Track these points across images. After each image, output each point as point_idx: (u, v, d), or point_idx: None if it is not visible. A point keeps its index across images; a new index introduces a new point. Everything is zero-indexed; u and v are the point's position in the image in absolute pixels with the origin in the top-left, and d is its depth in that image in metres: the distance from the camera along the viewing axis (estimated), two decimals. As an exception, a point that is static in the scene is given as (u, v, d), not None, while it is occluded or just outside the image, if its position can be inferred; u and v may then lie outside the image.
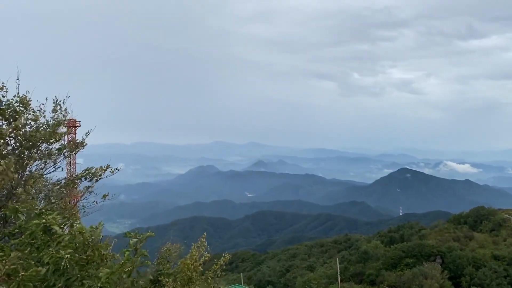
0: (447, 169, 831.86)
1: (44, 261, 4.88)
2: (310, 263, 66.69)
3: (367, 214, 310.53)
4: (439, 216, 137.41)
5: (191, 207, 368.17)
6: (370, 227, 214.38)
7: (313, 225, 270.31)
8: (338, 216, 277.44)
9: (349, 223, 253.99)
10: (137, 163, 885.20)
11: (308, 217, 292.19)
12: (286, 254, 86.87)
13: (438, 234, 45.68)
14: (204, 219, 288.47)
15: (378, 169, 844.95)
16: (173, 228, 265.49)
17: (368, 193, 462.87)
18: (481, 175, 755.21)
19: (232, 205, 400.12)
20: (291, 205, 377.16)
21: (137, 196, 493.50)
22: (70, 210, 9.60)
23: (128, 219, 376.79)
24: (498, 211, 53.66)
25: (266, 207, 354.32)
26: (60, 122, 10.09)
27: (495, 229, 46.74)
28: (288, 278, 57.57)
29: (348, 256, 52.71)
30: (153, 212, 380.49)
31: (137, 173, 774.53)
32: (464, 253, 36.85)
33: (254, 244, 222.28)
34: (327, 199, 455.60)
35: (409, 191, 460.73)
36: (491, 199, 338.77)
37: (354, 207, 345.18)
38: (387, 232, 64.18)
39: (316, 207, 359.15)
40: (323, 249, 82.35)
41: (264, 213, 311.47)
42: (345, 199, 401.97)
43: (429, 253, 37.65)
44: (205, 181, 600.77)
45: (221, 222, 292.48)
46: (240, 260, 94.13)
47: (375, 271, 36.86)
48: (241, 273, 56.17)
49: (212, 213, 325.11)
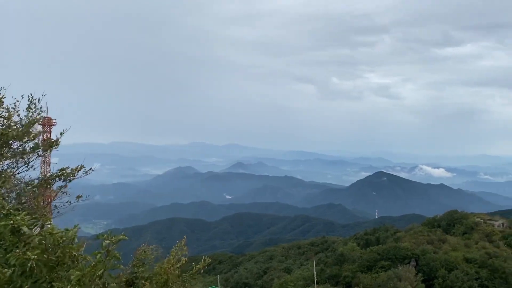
0: (423, 173, 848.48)
1: (11, 263, 4.76)
2: (287, 265, 66.88)
3: (344, 217, 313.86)
4: (414, 219, 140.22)
5: (169, 209, 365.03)
6: (346, 230, 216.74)
7: (291, 227, 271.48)
8: (315, 218, 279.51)
9: (326, 225, 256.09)
10: (114, 163, 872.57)
11: (286, 219, 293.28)
12: (263, 256, 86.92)
13: (413, 237, 46.49)
14: (181, 220, 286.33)
15: (355, 172, 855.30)
16: (150, 229, 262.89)
17: (345, 195, 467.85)
18: (455, 180, 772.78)
19: (210, 206, 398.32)
20: (269, 207, 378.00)
21: (113, 197, 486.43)
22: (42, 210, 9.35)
23: (103, 220, 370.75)
24: (471, 215, 55.00)
25: (244, 209, 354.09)
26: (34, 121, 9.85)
27: (467, 232, 47.85)
28: (265, 280, 57.60)
29: (325, 258, 53.05)
30: (130, 213, 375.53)
31: (114, 173, 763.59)
32: (437, 255, 37.61)
33: (231, 246, 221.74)
34: (305, 201, 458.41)
35: (385, 194, 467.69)
36: (464, 203, 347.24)
37: (331, 209, 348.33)
38: (363, 235, 64.93)
39: (294, 209, 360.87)
40: (300, 251, 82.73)
41: (242, 215, 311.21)
42: (322, 201, 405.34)
43: (404, 256, 38.26)
44: (183, 182, 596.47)
45: (199, 223, 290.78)
46: (217, 262, 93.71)
47: (351, 273, 37.26)
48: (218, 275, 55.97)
49: (190, 215, 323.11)
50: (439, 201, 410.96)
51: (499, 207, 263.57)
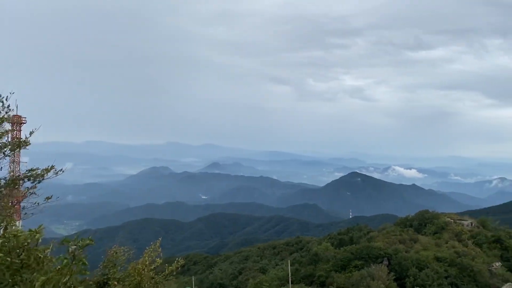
0: (395, 174, 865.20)
1: None
2: (262, 265, 66.96)
3: (319, 217, 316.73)
4: (387, 219, 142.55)
5: (143, 209, 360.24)
6: (321, 229, 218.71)
7: (266, 227, 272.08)
8: (291, 218, 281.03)
9: (302, 225, 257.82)
10: (87, 162, 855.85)
11: (261, 219, 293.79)
12: (238, 256, 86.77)
13: (385, 236, 47.26)
14: (155, 221, 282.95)
15: (330, 172, 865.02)
16: (123, 230, 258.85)
17: (320, 196, 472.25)
18: (426, 180, 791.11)
19: (185, 207, 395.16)
20: (245, 207, 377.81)
21: (86, 197, 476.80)
22: (8, 211, 9.04)
23: (75, 221, 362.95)
24: (441, 214, 56.22)
25: (220, 209, 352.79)
26: (2, 119, 9.55)
27: (438, 232, 48.95)
28: (240, 281, 57.52)
29: (300, 258, 53.38)
30: (103, 214, 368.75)
31: (87, 173, 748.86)
32: (409, 255, 38.35)
33: (207, 247, 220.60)
34: (281, 201, 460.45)
35: (359, 195, 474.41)
36: (435, 203, 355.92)
37: (307, 209, 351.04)
38: (337, 235, 65.56)
39: (270, 209, 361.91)
40: (275, 251, 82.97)
41: (218, 215, 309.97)
42: (298, 201, 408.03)
43: (377, 255, 38.85)
44: (157, 183, 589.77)
45: (173, 224, 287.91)
46: (192, 263, 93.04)
47: (325, 273, 37.58)
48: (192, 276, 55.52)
49: (164, 215, 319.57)
50: (411, 201, 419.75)
51: (468, 207, 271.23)
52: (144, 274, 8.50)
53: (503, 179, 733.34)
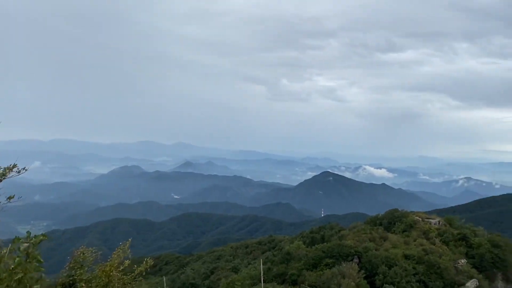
0: (366, 173, 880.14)
1: None
2: (234, 264, 66.86)
3: (292, 216, 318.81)
4: (358, 218, 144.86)
5: (113, 209, 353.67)
6: (294, 228, 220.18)
7: (239, 227, 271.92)
8: (264, 218, 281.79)
9: (274, 224, 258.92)
10: (55, 161, 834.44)
11: (234, 218, 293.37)
12: (211, 256, 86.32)
13: (356, 235, 47.93)
14: (127, 221, 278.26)
15: (303, 171, 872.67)
16: (93, 230, 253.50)
17: (293, 195, 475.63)
18: (396, 180, 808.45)
19: (157, 206, 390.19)
20: (218, 206, 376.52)
21: (54, 196, 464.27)
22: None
23: (43, 221, 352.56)
24: (410, 213, 57.41)
25: (192, 209, 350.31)
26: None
27: (406, 230, 49.98)
28: (212, 280, 57.26)
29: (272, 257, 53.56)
30: (72, 214, 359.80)
31: (55, 172, 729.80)
32: (378, 253, 39.01)
33: (179, 247, 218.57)
34: (254, 200, 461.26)
35: (331, 194, 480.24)
36: (404, 202, 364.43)
37: (279, 208, 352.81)
38: (309, 233, 66.04)
39: (243, 209, 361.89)
40: (248, 250, 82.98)
41: (191, 215, 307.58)
42: (271, 200, 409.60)
43: (347, 253, 39.35)
44: (129, 182, 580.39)
45: (145, 224, 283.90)
46: (164, 263, 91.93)
47: (297, 271, 37.82)
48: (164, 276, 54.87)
49: (136, 215, 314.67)
50: (381, 200, 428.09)
51: (436, 206, 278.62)
52: (112, 275, 8.32)
53: (469, 179, 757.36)
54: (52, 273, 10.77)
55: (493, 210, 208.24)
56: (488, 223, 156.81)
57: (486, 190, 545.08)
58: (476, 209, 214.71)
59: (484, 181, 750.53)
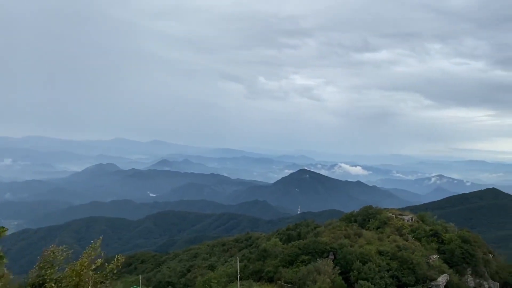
0: (341, 171, 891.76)
1: None
2: (211, 262, 66.67)
3: (268, 213, 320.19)
4: (333, 215, 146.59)
5: (88, 207, 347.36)
6: (270, 226, 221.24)
7: (216, 225, 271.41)
8: (240, 215, 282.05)
9: (251, 221, 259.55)
10: (27, 159, 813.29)
11: (211, 216, 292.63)
12: (187, 254, 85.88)
13: (331, 231, 48.41)
14: (101, 219, 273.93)
15: (280, 169, 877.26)
16: (67, 229, 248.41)
17: (269, 192, 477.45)
18: (371, 177, 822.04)
19: (133, 205, 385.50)
20: (195, 204, 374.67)
21: (27, 195, 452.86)
22: None
23: (14, 220, 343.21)
24: (384, 210, 58.31)
25: (169, 207, 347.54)
26: None
27: (380, 226, 50.78)
28: (189, 278, 56.93)
29: (248, 254, 53.65)
30: (45, 212, 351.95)
31: (27, 169, 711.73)
32: (353, 249, 39.55)
33: (155, 245, 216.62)
34: (231, 198, 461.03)
35: (307, 191, 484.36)
36: (379, 199, 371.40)
37: (256, 206, 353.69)
38: (285, 230, 66.38)
39: (220, 207, 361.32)
40: (225, 248, 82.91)
41: (167, 213, 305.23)
42: (248, 198, 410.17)
43: (323, 250, 39.73)
44: (104, 180, 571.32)
45: (121, 222, 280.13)
46: (139, 262, 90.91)
47: (273, 268, 37.97)
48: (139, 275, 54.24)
49: (111, 214, 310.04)
50: (356, 197, 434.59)
51: (409, 203, 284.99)
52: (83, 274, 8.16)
53: (441, 176, 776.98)
54: (24, 273, 10.53)
55: (463, 207, 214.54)
56: (459, 219, 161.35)
57: (457, 188, 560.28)
58: (448, 206, 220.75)
59: (455, 178, 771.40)
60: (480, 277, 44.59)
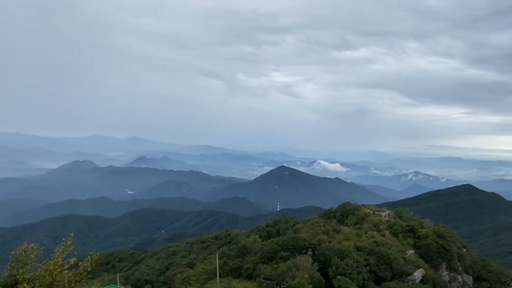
0: (320, 168, 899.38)
1: None
2: (190, 260, 66.27)
3: (248, 210, 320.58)
4: (312, 211, 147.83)
5: (64, 205, 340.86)
6: (250, 222, 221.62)
7: (195, 222, 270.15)
8: (220, 212, 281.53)
9: (231, 218, 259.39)
10: (1, 156, 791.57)
11: (190, 213, 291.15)
12: (166, 252, 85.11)
13: (310, 228, 48.81)
14: (78, 217, 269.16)
15: (259, 166, 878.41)
16: (42, 227, 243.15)
17: (249, 189, 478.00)
18: (349, 174, 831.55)
19: (110, 202, 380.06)
20: (174, 202, 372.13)
21: (0, 193, 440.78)
22: None
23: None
24: (362, 206, 59.14)
25: (147, 205, 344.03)
26: None
27: (358, 222, 51.48)
28: (167, 276, 56.46)
29: (228, 251, 53.58)
30: (19, 211, 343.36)
31: (1, 167, 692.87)
32: (331, 245, 39.93)
33: (133, 243, 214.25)
34: (211, 195, 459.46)
35: (286, 188, 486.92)
36: (356, 195, 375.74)
37: (236, 203, 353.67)
38: (265, 227, 66.56)
39: (200, 204, 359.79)
40: (204, 245, 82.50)
41: (145, 210, 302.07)
42: (227, 195, 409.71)
43: (302, 246, 40.02)
44: (80, 177, 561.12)
45: (98, 220, 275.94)
46: (117, 260, 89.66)
47: (253, 265, 38.04)
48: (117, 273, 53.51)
49: (88, 211, 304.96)
50: (334, 194, 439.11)
51: (386, 199, 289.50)
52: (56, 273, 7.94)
53: (417, 173, 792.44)
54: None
55: (439, 202, 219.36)
56: (435, 215, 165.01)
57: (433, 184, 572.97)
58: (424, 201, 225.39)
59: (431, 175, 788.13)
60: (454, 271, 45.70)
